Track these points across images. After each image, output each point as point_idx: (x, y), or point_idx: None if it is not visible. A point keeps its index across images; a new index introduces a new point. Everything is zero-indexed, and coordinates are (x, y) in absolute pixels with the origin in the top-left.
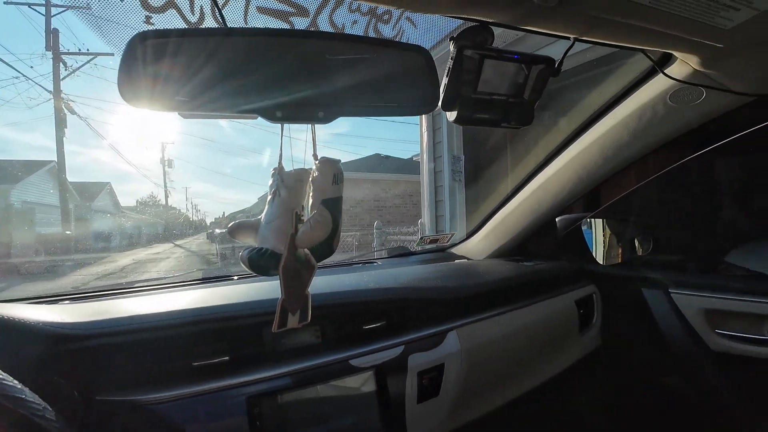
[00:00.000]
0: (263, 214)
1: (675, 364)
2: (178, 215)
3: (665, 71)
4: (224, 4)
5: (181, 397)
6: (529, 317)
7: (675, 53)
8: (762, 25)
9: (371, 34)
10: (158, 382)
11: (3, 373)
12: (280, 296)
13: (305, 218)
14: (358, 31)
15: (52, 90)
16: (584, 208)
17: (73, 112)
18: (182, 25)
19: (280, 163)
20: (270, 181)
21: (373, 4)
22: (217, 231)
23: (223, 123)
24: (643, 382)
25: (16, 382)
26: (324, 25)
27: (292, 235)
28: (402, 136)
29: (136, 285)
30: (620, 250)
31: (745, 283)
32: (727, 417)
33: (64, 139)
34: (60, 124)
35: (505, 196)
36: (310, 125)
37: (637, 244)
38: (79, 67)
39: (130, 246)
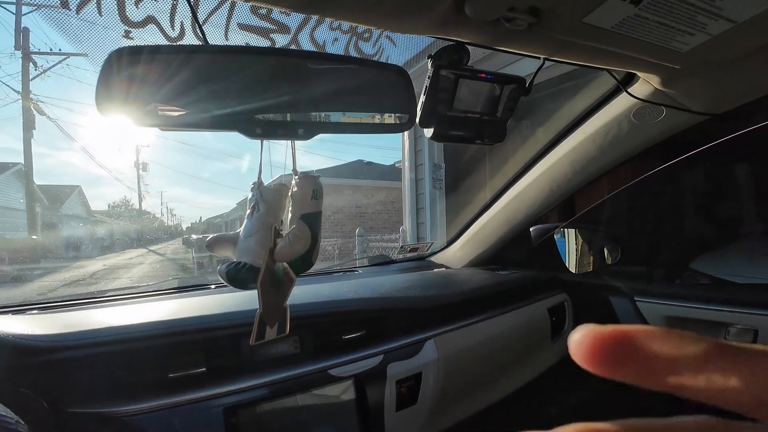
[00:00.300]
0: (242, 228)
1: None
2: (153, 220)
3: (629, 90)
4: (205, 20)
5: (157, 409)
6: (504, 325)
7: (637, 73)
8: (714, 48)
9: (352, 51)
10: (133, 394)
11: None
12: (258, 309)
13: (284, 233)
14: (339, 48)
15: (21, 90)
16: (557, 219)
17: (42, 113)
18: (162, 39)
19: (259, 177)
20: (249, 195)
21: (349, 22)
22: (194, 237)
23: None
24: (609, 386)
25: None
26: (305, 42)
27: (271, 249)
28: (384, 142)
29: (109, 294)
30: (590, 260)
31: (702, 292)
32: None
33: (32, 140)
34: (28, 125)
35: (482, 207)
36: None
37: (605, 254)
38: (50, 68)
39: (102, 251)
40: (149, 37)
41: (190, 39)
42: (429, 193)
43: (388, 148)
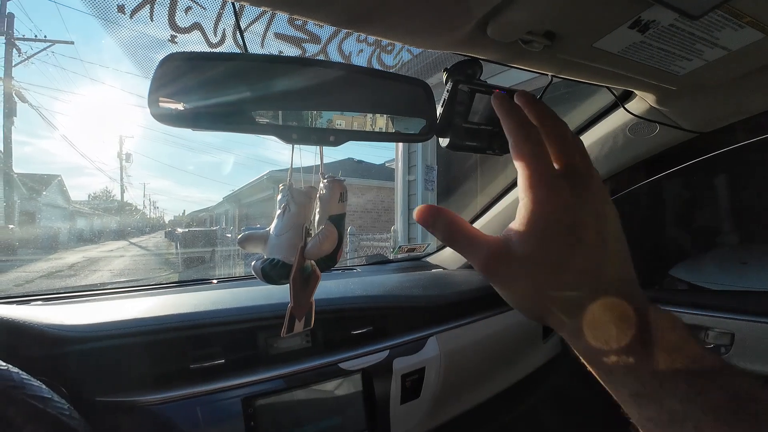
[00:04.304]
0: (272, 227)
1: None
2: (135, 212)
3: (625, 106)
4: (246, 28)
5: (180, 398)
6: (499, 325)
7: (635, 91)
8: (708, 73)
9: (374, 62)
10: (158, 384)
11: (26, 375)
12: (289, 303)
13: (313, 232)
14: (363, 58)
15: (3, 76)
16: None
17: (24, 101)
18: (204, 45)
19: (290, 180)
20: (278, 197)
21: (379, 38)
22: (179, 230)
23: None
24: (596, 384)
25: (39, 382)
26: (333, 52)
27: (302, 248)
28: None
29: (108, 287)
30: None
31: (683, 297)
32: None
33: (13, 128)
34: (9, 112)
35: (479, 210)
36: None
37: None
38: (34, 54)
39: (81, 243)
40: (193, 42)
41: (230, 45)
42: (421, 194)
43: (378, 147)
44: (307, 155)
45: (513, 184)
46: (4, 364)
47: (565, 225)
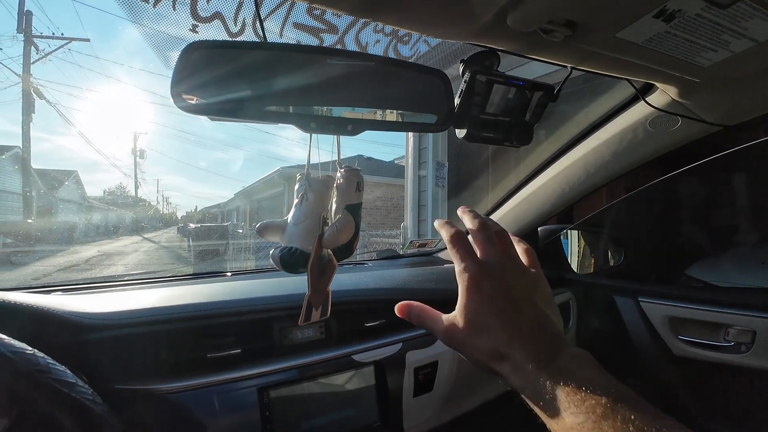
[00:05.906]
0: (290, 216)
1: (642, 366)
2: (148, 208)
3: (646, 99)
4: (266, 17)
5: (197, 387)
6: None
7: (656, 84)
8: (734, 65)
9: (391, 52)
10: (175, 373)
11: (52, 359)
12: (306, 292)
13: (330, 221)
14: (379, 49)
15: (21, 74)
16: (563, 220)
17: (42, 98)
18: (224, 34)
19: (307, 169)
20: (296, 186)
21: (396, 27)
22: (192, 226)
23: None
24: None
25: (64, 367)
26: (350, 42)
27: (320, 237)
28: (384, 138)
29: (126, 278)
30: (594, 261)
31: (704, 293)
32: (683, 416)
33: (31, 124)
34: (27, 109)
35: (491, 206)
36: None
37: (610, 256)
38: (51, 52)
39: (96, 237)
40: (213, 31)
41: (249, 35)
42: (431, 190)
43: (388, 144)
44: (321, 152)
45: (527, 180)
46: (30, 348)
47: (482, 302)
